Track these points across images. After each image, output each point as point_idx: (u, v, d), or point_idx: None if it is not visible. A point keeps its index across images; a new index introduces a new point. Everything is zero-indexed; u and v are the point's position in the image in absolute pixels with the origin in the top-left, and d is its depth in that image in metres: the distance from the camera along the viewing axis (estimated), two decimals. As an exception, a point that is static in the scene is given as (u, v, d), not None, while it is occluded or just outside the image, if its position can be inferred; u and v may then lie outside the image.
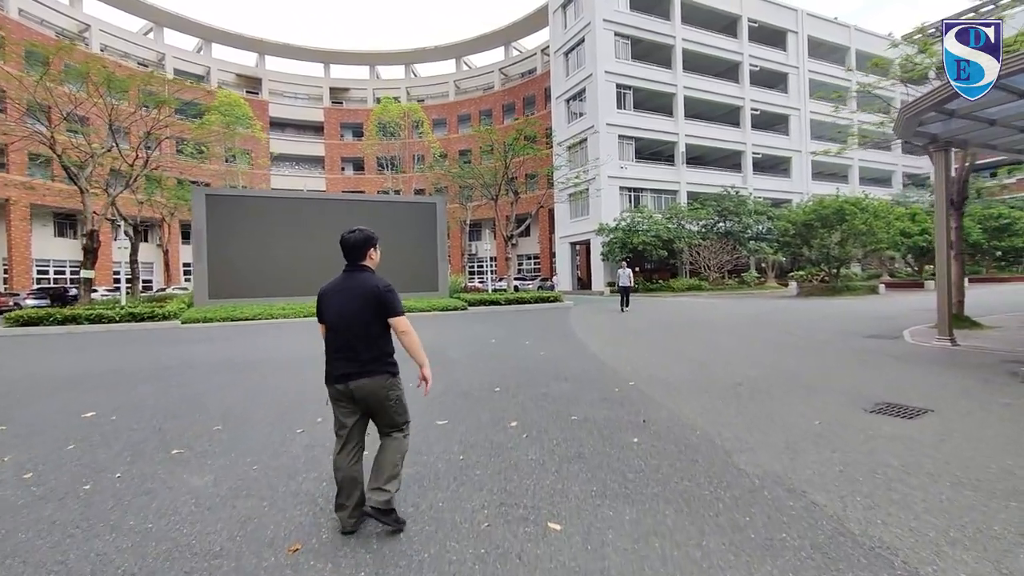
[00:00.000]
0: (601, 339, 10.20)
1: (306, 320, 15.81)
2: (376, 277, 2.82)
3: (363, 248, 2.84)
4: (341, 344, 2.74)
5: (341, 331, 2.74)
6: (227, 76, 48.95)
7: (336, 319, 2.76)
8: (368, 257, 2.88)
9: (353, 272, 2.83)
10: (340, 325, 2.75)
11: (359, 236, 2.84)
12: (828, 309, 16.03)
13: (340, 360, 2.73)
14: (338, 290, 2.80)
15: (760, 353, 8.12)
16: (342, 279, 2.83)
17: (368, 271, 2.85)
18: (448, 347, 9.63)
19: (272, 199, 19.25)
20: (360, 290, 2.74)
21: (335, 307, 2.77)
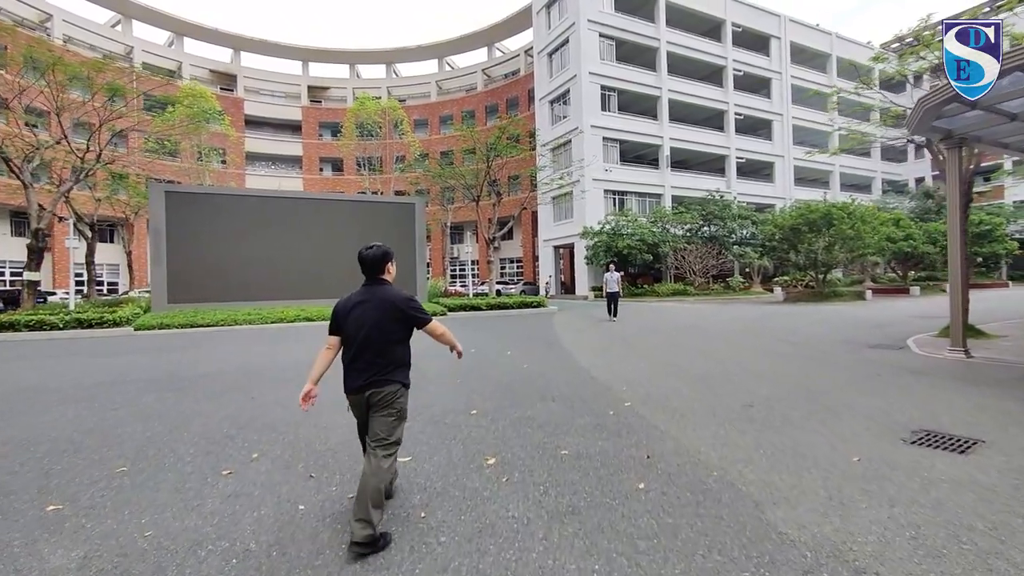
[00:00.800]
0: (589, 349, 9.44)
1: (274, 327, 14.75)
2: (396, 289, 2.92)
3: (381, 263, 2.93)
4: (361, 355, 2.78)
5: (361, 342, 2.78)
6: (200, 72, 47.27)
7: (357, 331, 2.79)
8: (386, 271, 2.96)
9: (373, 286, 2.90)
10: (361, 336, 2.78)
11: (377, 252, 2.92)
12: (819, 316, 15.57)
13: (361, 370, 2.78)
14: (358, 303, 2.85)
15: (763, 365, 7.44)
16: (362, 292, 2.90)
17: (387, 284, 2.94)
18: (422, 358, 8.73)
19: (239, 197, 18.12)
20: (383, 303, 2.81)
21: (356, 319, 2.80)
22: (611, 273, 15.27)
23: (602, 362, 8.05)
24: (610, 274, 15.26)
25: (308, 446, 4.28)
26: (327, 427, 4.81)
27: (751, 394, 5.74)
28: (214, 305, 16.60)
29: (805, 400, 5.43)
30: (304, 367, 8.18)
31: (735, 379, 6.55)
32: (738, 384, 6.26)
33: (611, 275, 15.20)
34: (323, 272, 18.34)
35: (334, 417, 5.08)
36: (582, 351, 9.18)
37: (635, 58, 35.02)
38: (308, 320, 15.67)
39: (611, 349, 9.35)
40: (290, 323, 15.36)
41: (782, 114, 40.31)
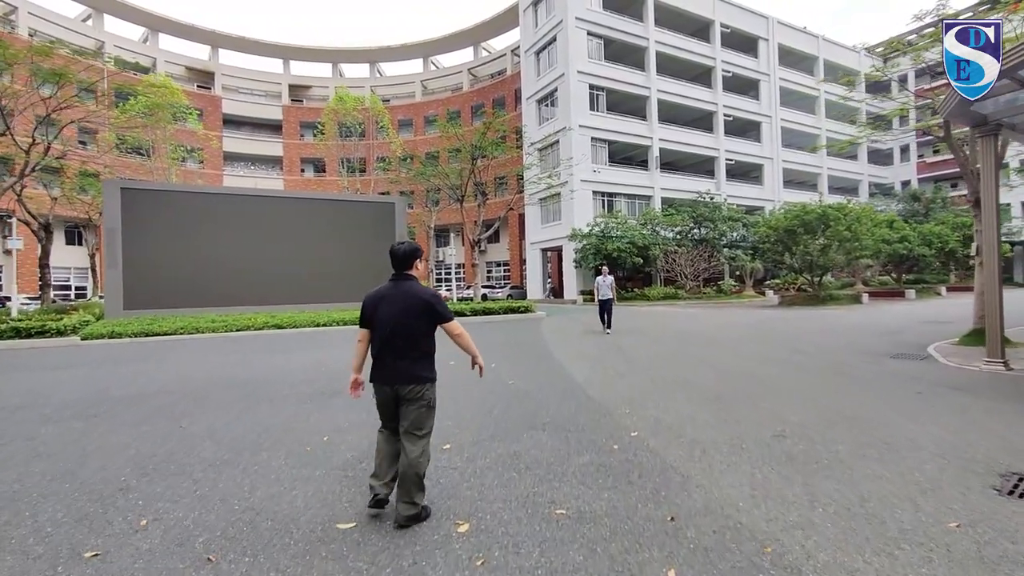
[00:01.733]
0: (582, 360, 8.48)
1: (240, 335, 13.57)
2: (422, 286, 3.03)
3: (411, 259, 3.03)
4: (388, 346, 2.90)
5: (388, 335, 2.90)
6: (176, 69, 45.65)
7: (384, 323, 2.91)
8: (415, 267, 3.06)
9: (400, 280, 3.00)
10: (388, 329, 2.90)
11: (408, 247, 3.04)
12: (822, 321, 14.82)
13: (391, 362, 2.90)
14: (386, 296, 2.96)
15: (781, 380, 6.55)
16: (390, 286, 2.99)
17: (414, 280, 3.03)
18: (394, 373, 7.73)
19: (204, 195, 16.89)
20: (409, 297, 2.92)
21: (384, 312, 2.92)
22: (604, 277, 13.05)
23: (598, 377, 7.10)
24: (602, 278, 13.01)
25: (223, 503, 3.24)
26: (257, 471, 3.78)
27: (779, 419, 4.82)
28: (175, 311, 15.37)
29: (847, 428, 4.52)
30: (263, 383, 7.12)
31: (755, 398, 5.63)
32: (760, 405, 5.35)
33: (604, 279, 12.98)
34: (297, 275, 17.20)
35: (268, 458, 4.05)
36: (575, 363, 8.23)
37: (624, 57, 34.38)
38: (278, 328, 14.51)
39: (607, 361, 8.41)
40: (258, 331, 14.19)
41: (771, 116, 39.99)
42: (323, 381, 7.22)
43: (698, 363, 7.99)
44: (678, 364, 7.94)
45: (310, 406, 5.85)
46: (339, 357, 9.37)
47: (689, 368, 7.58)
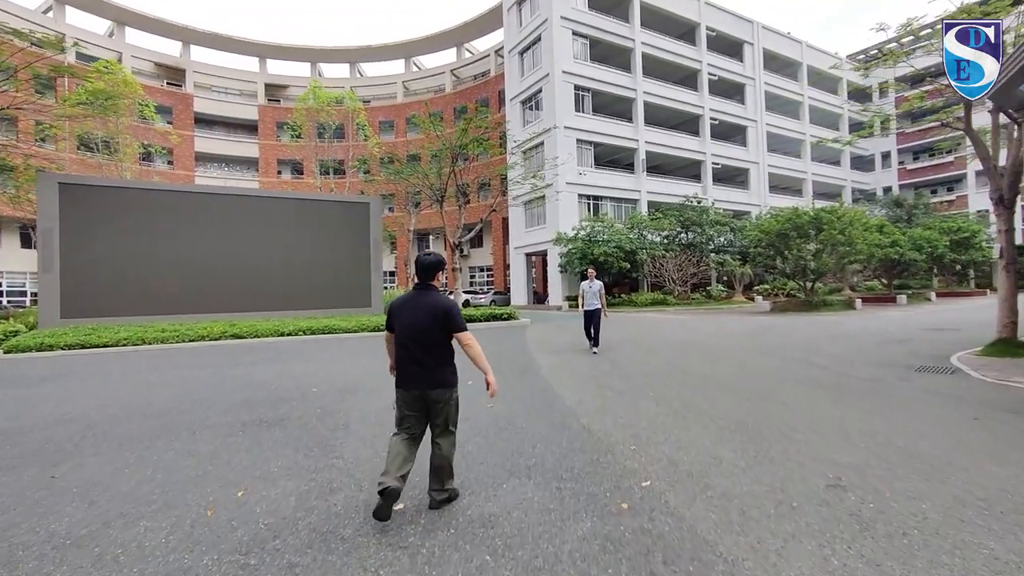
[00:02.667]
0: (573, 376, 7.43)
1: (193, 346, 12.22)
2: (442, 296, 3.18)
3: (436, 269, 3.23)
4: (411, 353, 3.08)
5: (410, 341, 3.07)
6: (143, 64, 43.77)
7: (406, 331, 3.09)
8: (436, 278, 3.24)
9: (423, 290, 3.17)
10: (409, 336, 3.08)
11: (434, 259, 3.22)
12: (821, 328, 14.03)
13: (414, 368, 3.08)
14: (408, 303, 3.15)
15: (808, 402, 5.59)
16: (413, 295, 3.16)
17: (435, 289, 3.20)
18: (353, 393, 6.59)
19: (159, 192, 15.47)
20: (429, 307, 3.08)
21: (405, 320, 3.11)
22: (590, 282, 10.34)
23: (591, 398, 6.05)
24: (588, 283, 10.31)
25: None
26: (114, 559, 2.61)
27: (825, 459, 3.83)
28: (122, 320, 13.94)
29: (916, 472, 3.54)
30: (194, 406, 5.91)
31: (785, 428, 4.64)
32: (794, 438, 4.35)
33: (590, 285, 10.28)
34: (262, 281, 15.88)
35: (144, 532, 2.89)
36: (564, 380, 7.17)
37: (610, 59, 33.73)
38: (237, 338, 13.19)
39: (600, 377, 7.37)
40: (214, 341, 12.85)
41: (756, 120, 39.75)
42: (267, 404, 6.05)
43: (704, 380, 7.00)
44: (682, 381, 6.94)
45: (239, 440, 4.69)
46: (298, 372, 8.17)
47: (696, 387, 6.58)
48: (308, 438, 4.72)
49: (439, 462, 3.15)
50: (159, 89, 43.46)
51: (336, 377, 7.79)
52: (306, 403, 6.12)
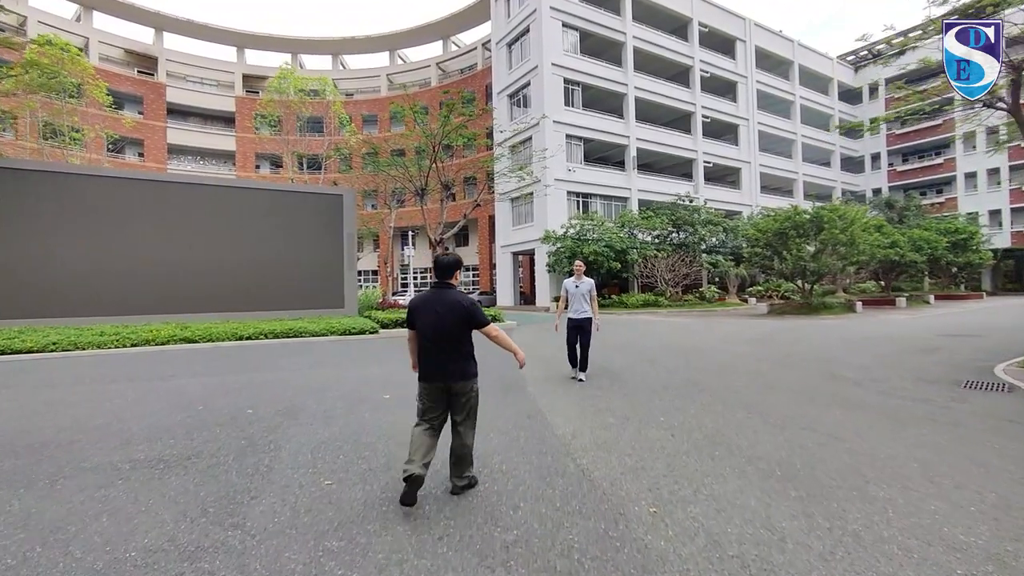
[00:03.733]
0: (564, 394, 6.24)
1: (135, 351, 10.80)
2: (461, 293, 3.31)
3: (453, 269, 3.35)
4: (433, 348, 3.22)
5: (432, 338, 3.21)
6: (112, 51, 41.70)
7: (428, 327, 3.21)
8: (455, 277, 3.36)
9: (441, 288, 3.30)
10: (431, 333, 3.21)
11: (451, 259, 3.37)
12: (831, 334, 13.02)
13: (438, 363, 3.23)
14: (428, 301, 3.26)
15: (864, 436, 4.46)
16: (432, 293, 3.30)
17: (454, 287, 3.34)
18: (294, 417, 5.32)
19: (101, 178, 13.92)
20: (451, 304, 3.19)
21: (428, 317, 3.22)
22: (577, 280, 7.12)
23: (589, 427, 4.87)
24: (575, 282, 7.12)
25: None
26: None
27: (931, 531, 2.68)
28: (59, 321, 12.43)
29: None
30: (82, 436, 4.55)
31: (858, 480, 3.49)
32: (878, 498, 3.20)
33: (576, 284, 7.09)
34: (224, 278, 14.45)
35: None
36: (554, 399, 5.97)
37: (600, 52, 32.68)
38: (188, 342, 11.78)
39: (597, 396, 6.19)
40: (161, 346, 11.44)
41: (748, 119, 39.03)
42: (181, 433, 4.77)
43: (722, 399, 5.86)
44: (697, 401, 5.79)
45: (114, 493, 3.41)
46: (241, 386, 6.86)
47: (715, 408, 5.43)
48: (210, 489, 3.47)
49: (461, 451, 3.31)
50: (129, 77, 41.45)
51: (283, 393, 6.50)
52: (231, 431, 4.85)
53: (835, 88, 46.22)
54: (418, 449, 3.11)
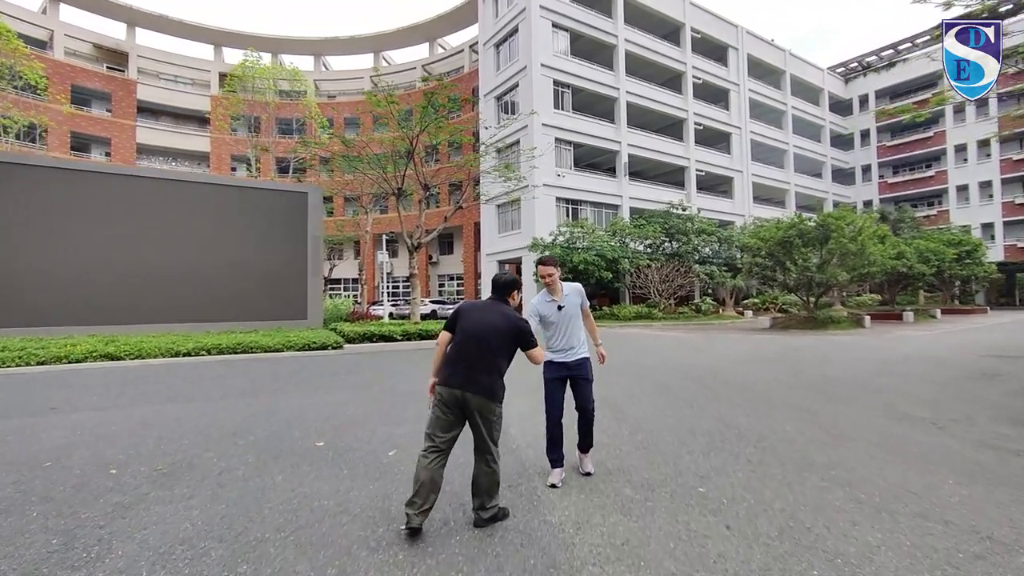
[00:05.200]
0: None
1: (40, 372, 8.98)
2: (514, 312, 3.16)
3: (510, 289, 3.24)
4: (469, 355, 2.97)
5: (472, 344, 2.99)
6: (80, 45, 39.61)
7: (471, 329, 3.03)
8: (512, 297, 3.25)
9: (498, 301, 3.19)
10: (473, 335, 3.00)
11: (509, 278, 3.25)
12: (854, 353, 11.61)
13: (464, 368, 2.95)
14: (481, 310, 3.12)
15: (1014, 525, 2.93)
16: (488, 303, 3.18)
17: (508, 305, 3.19)
18: (174, 480, 3.64)
19: (17, 167, 12.03)
20: (503, 316, 3.06)
21: (474, 322, 3.05)
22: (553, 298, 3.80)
23: (605, 515, 3.29)
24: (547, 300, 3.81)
25: None
26: None
27: None
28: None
29: None
30: None
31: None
32: None
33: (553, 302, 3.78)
34: (170, 284, 12.65)
35: None
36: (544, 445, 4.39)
37: (592, 55, 31.56)
38: (111, 359, 9.97)
39: (610, 449, 4.61)
40: (75, 364, 9.61)
41: (740, 127, 38.19)
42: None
43: (784, 459, 4.32)
44: (749, 460, 4.23)
45: None
46: (130, 427, 5.16)
47: (782, 478, 3.88)
48: None
49: (481, 478, 2.98)
50: (97, 73, 39.34)
51: (179, 438, 4.82)
52: (55, 515, 3.17)
53: (826, 99, 45.80)
54: (420, 489, 2.82)
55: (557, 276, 3.81)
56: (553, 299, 3.81)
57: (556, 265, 3.80)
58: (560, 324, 3.79)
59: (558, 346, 3.80)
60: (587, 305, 3.95)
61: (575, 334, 3.78)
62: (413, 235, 16.26)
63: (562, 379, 3.78)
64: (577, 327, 3.79)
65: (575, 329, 3.79)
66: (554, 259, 3.82)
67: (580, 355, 3.78)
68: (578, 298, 3.84)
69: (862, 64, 47.73)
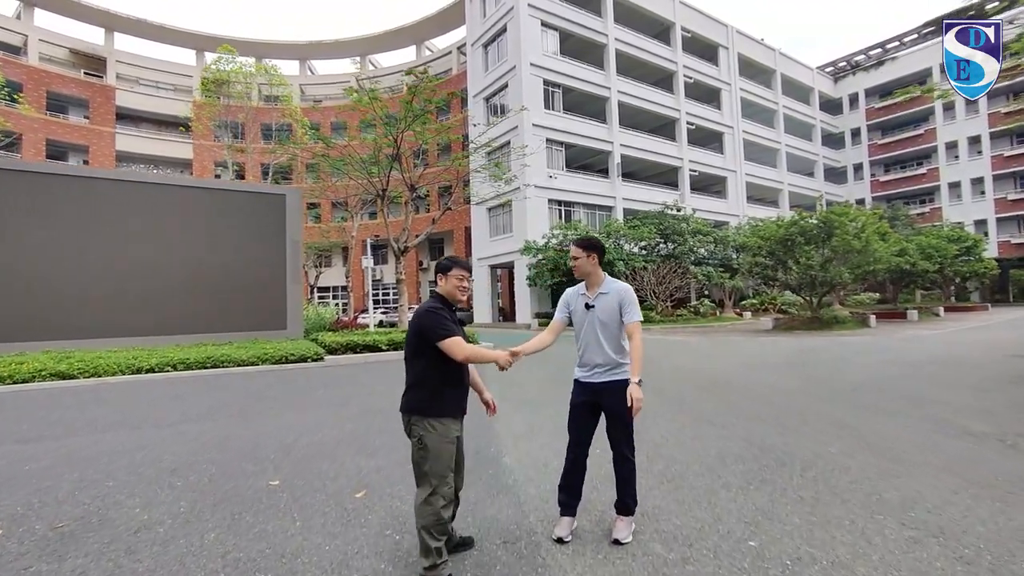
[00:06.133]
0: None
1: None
2: (427, 303, 2.58)
3: (437, 272, 2.65)
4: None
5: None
6: (55, 50, 38.46)
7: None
8: (439, 280, 2.63)
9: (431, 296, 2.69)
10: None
11: (442, 261, 2.65)
12: (874, 355, 10.92)
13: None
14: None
15: None
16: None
17: (432, 297, 2.64)
18: (94, 534, 2.77)
19: None
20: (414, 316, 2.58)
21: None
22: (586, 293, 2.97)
23: (618, 553, 2.49)
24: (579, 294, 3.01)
25: None
26: None
27: None
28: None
29: None
30: None
31: None
32: None
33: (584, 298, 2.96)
34: (136, 293, 11.72)
35: None
36: (548, 479, 3.60)
37: (582, 55, 31.01)
38: (62, 377, 9.02)
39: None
40: (20, 384, 8.66)
41: (733, 127, 37.81)
42: None
43: (845, 496, 3.55)
44: (800, 499, 3.46)
45: None
46: (55, 460, 4.29)
47: (849, 526, 3.11)
48: None
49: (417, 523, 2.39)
50: (74, 79, 38.23)
51: (103, 481, 3.96)
52: None
53: (816, 98, 45.66)
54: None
55: (586, 262, 2.96)
56: (585, 293, 3.01)
57: (588, 249, 2.96)
58: (583, 328, 2.96)
59: (579, 359, 3.00)
60: (633, 320, 2.84)
61: (600, 348, 2.88)
62: (400, 239, 15.45)
63: (586, 404, 2.94)
64: (607, 339, 2.87)
65: (603, 341, 2.87)
66: (589, 241, 3.01)
67: (608, 377, 2.86)
68: (616, 302, 2.87)
69: (851, 63, 47.69)
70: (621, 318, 2.86)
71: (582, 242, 2.99)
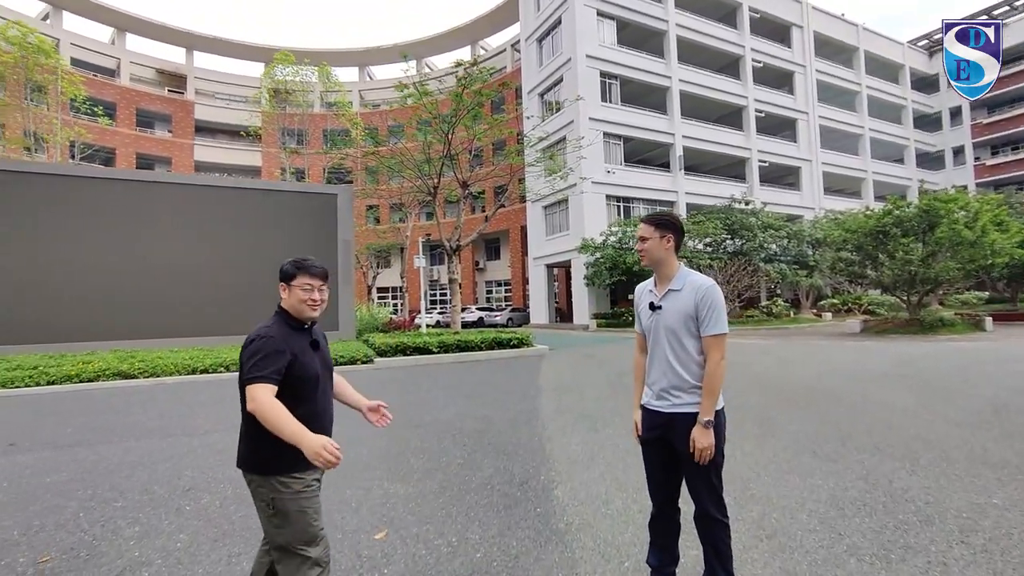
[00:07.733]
0: (638, 519, 3.06)
1: (44, 393, 8.31)
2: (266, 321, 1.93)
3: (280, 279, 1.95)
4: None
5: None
6: (143, 71, 41.65)
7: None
8: (281, 291, 1.95)
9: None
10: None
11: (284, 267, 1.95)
12: (1005, 363, 9.21)
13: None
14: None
15: None
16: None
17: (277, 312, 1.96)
18: (106, 550, 2.34)
19: (45, 176, 11.71)
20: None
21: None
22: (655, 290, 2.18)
23: None
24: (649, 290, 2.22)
25: None
26: None
27: None
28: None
29: None
30: None
31: None
32: None
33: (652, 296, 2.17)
34: (179, 295, 11.99)
35: None
36: (611, 534, 2.82)
37: (640, 43, 29.59)
38: (123, 377, 9.21)
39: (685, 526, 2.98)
40: (87, 383, 8.90)
41: (807, 112, 34.84)
42: None
43: (1017, 561, 2.54)
44: (952, 568, 2.50)
45: None
46: (86, 468, 4.04)
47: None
48: None
49: None
50: (159, 96, 41.27)
51: (117, 497, 3.60)
52: None
53: (907, 76, 41.29)
54: None
55: (657, 246, 2.11)
56: (653, 289, 2.20)
57: (662, 227, 2.13)
58: (650, 336, 2.17)
59: (647, 376, 2.21)
60: (712, 331, 2.02)
61: (667, 365, 2.08)
62: (451, 238, 15.06)
63: (660, 442, 2.13)
64: (676, 354, 2.07)
65: (670, 355, 2.07)
66: (662, 217, 2.17)
67: (678, 408, 2.05)
68: (691, 304, 2.03)
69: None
70: (697, 327, 2.03)
71: (653, 219, 2.15)
